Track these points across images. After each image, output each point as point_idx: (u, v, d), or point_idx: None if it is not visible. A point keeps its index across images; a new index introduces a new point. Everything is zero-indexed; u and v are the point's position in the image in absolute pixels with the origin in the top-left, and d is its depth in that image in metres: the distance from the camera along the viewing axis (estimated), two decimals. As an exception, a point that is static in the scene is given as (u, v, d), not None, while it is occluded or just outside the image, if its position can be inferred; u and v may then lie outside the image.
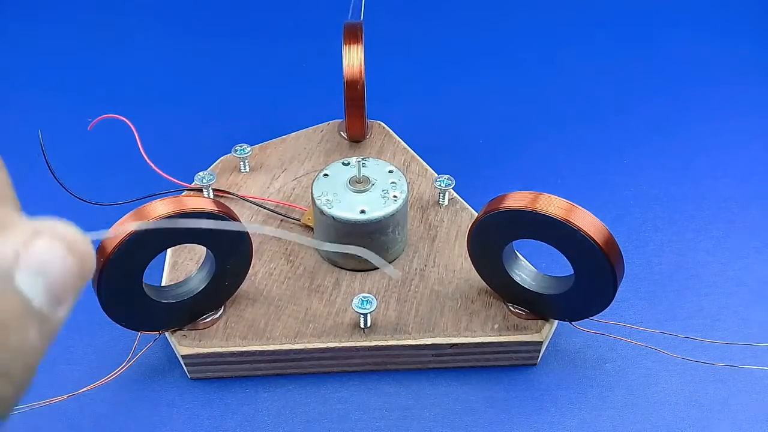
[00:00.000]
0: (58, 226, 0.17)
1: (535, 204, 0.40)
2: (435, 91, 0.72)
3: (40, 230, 0.17)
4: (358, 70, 0.54)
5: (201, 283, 0.44)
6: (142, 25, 0.81)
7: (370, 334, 0.46)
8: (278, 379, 0.47)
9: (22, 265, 0.16)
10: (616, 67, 0.75)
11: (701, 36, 0.79)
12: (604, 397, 0.46)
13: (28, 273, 0.16)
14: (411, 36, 0.80)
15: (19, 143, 0.63)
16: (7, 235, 0.17)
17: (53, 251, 0.17)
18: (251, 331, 0.46)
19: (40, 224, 0.17)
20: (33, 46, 0.78)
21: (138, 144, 0.53)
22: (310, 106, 0.68)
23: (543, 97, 0.71)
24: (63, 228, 0.17)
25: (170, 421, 0.45)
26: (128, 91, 0.72)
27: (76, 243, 0.17)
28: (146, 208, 0.40)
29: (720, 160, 0.63)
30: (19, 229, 0.17)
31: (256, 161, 0.58)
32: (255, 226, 0.44)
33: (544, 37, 0.79)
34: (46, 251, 0.17)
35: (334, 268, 0.50)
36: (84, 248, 0.17)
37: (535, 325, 0.46)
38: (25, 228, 0.17)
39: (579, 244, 0.40)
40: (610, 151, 0.65)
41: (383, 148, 0.60)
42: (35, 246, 0.17)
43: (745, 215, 0.58)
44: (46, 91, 0.72)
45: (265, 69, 0.75)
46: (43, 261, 0.17)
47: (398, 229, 0.49)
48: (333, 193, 0.48)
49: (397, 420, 0.45)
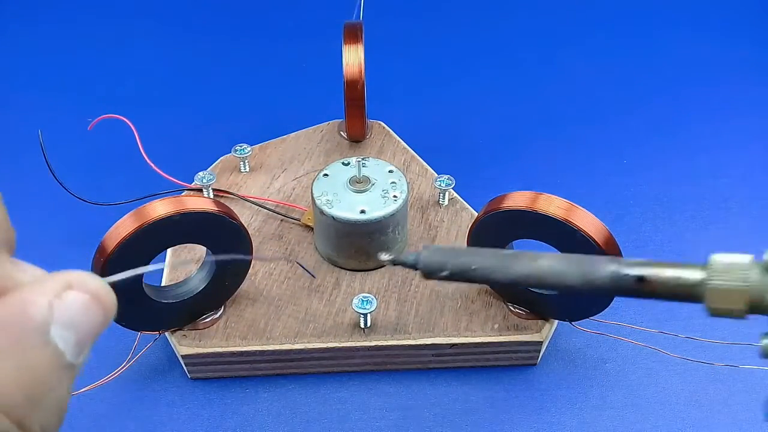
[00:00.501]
0: (86, 278, 0.18)
1: (535, 204, 0.40)
2: (435, 91, 0.72)
3: (71, 283, 0.17)
4: (358, 70, 0.54)
5: (201, 283, 0.44)
6: (142, 25, 0.81)
7: (370, 334, 0.46)
8: (278, 379, 0.47)
9: (56, 318, 0.17)
10: (616, 67, 0.75)
11: (701, 36, 0.79)
12: (604, 397, 0.46)
13: (62, 326, 0.17)
14: (411, 36, 0.80)
15: (19, 143, 0.63)
16: (42, 285, 0.17)
17: (84, 305, 0.17)
18: (251, 331, 0.46)
19: (70, 276, 0.17)
20: (33, 46, 0.78)
21: (138, 144, 0.53)
22: (310, 106, 0.68)
23: (543, 97, 0.71)
24: (90, 280, 0.18)
25: (170, 421, 0.45)
26: (128, 91, 0.72)
27: (102, 295, 0.18)
28: (146, 208, 0.40)
29: (720, 160, 0.63)
30: (52, 280, 0.17)
31: (256, 161, 0.58)
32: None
33: (544, 37, 0.79)
34: (77, 305, 0.17)
35: (334, 268, 0.50)
36: (109, 299, 0.18)
37: (535, 325, 0.46)
38: (57, 279, 0.17)
39: (579, 244, 0.40)
40: (610, 151, 0.65)
41: (383, 148, 0.60)
42: (67, 299, 0.17)
43: (745, 215, 0.58)
44: (46, 91, 0.72)
45: (265, 69, 0.75)
46: (74, 315, 0.17)
47: (398, 229, 0.49)
48: (333, 193, 0.48)
49: (397, 420, 0.45)
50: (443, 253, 0.32)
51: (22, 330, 0.16)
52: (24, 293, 0.17)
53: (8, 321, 0.16)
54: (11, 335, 0.16)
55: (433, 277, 0.33)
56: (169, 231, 0.40)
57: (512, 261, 0.32)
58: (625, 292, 0.29)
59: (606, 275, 0.29)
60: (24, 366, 0.16)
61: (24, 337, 0.16)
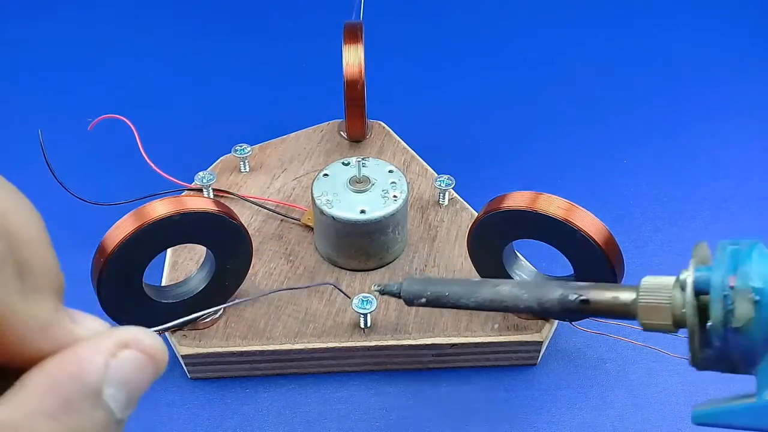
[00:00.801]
0: (142, 336, 0.18)
1: (535, 204, 0.40)
2: (435, 91, 0.72)
3: (127, 341, 0.17)
4: (358, 70, 0.54)
5: (201, 283, 0.44)
6: (142, 25, 0.81)
7: (370, 334, 0.46)
8: (278, 379, 0.47)
9: (111, 378, 0.17)
10: (616, 68, 0.75)
11: (701, 36, 0.79)
12: (604, 397, 0.46)
13: (115, 386, 0.17)
14: (411, 36, 0.80)
15: (19, 143, 0.63)
16: (99, 343, 0.17)
17: (139, 364, 0.17)
18: (251, 331, 0.46)
19: (126, 334, 0.17)
20: (33, 46, 0.78)
21: (138, 144, 0.53)
22: (310, 106, 0.68)
23: (543, 97, 0.71)
24: (146, 338, 0.18)
25: (170, 421, 0.45)
26: (128, 91, 0.72)
27: (157, 353, 0.18)
28: (146, 208, 0.40)
29: (720, 161, 0.63)
30: (109, 338, 0.17)
31: (256, 161, 0.58)
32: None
33: (544, 37, 0.79)
34: (132, 364, 0.17)
35: (334, 268, 0.50)
36: (162, 357, 0.18)
37: (535, 325, 0.46)
38: (114, 337, 0.17)
39: (579, 244, 0.40)
40: (610, 151, 0.65)
41: (383, 148, 0.60)
42: (123, 358, 0.17)
43: (745, 215, 0.58)
44: (46, 91, 0.72)
45: (265, 69, 0.75)
46: (128, 374, 0.17)
47: (398, 229, 0.49)
48: (333, 193, 0.48)
49: (397, 420, 0.45)
50: (421, 283, 0.37)
51: (77, 392, 0.16)
52: (81, 351, 0.17)
53: (63, 380, 0.16)
54: (65, 397, 0.16)
55: (414, 303, 0.37)
56: (169, 231, 0.40)
57: (478, 288, 0.35)
58: (573, 312, 0.32)
59: (555, 299, 0.33)
60: (75, 430, 0.16)
61: (78, 400, 0.16)
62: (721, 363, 0.24)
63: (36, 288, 0.17)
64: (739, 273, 0.23)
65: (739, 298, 0.23)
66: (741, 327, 0.23)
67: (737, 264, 0.23)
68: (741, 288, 0.23)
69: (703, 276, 0.24)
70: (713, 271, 0.24)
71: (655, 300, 0.27)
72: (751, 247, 0.24)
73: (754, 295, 0.22)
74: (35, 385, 0.16)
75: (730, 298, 0.23)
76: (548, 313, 0.34)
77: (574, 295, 0.32)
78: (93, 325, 0.18)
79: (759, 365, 0.23)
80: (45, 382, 0.16)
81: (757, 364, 0.23)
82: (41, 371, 0.16)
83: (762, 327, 0.22)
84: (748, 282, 0.22)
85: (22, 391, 0.16)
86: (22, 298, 0.16)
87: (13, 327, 0.16)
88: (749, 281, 0.22)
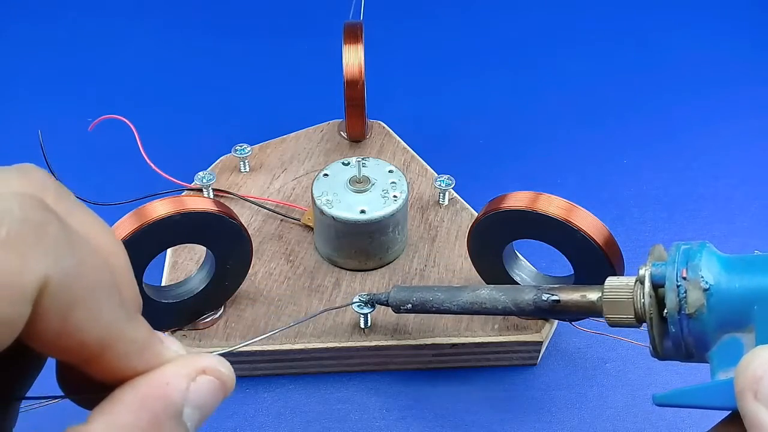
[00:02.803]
0: (217, 364, 0.20)
1: (535, 204, 0.40)
2: (435, 91, 0.72)
3: (205, 368, 0.19)
4: (358, 70, 0.54)
5: (201, 283, 0.44)
6: (142, 25, 0.81)
7: (370, 335, 0.46)
8: (278, 379, 0.47)
9: (190, 400, 0.19)
10: (616, 68, 0.75)
11: (701, 36, 0.79)
12: (604, 397, 0.46)
13: (192, 407, 0.19)
14: (411, 36, 0.80)
15: (19, 143, 0.63)
16: (182, 367, 0.19)
17: (213, 389, 0.20)
18: (251, 331, 0.46)
19: (205, 362, 0.20)
20: (33, 46, 0.78)
21: (138, 144, 0.52)
22: (310, 106, 0.68)
23: (543, 97, 0.71)
24: (221, 366, 0.20)
25: (170, 421, 0.45)
26: (128, 91, 0.72)
27: (228, 381, 0.20)
28: (146, 208, 0.40)
29: (720, 161, 0.63)
30: (191, 364, 0.19)
31: (256, 161, 0.58)
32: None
33: (544, 37, 0.79)
34: (208, 389, 0.19)
35: (334, 268, 0.50)
36: (231, 384, 0.20)
37: (535, 325, 0.46)
38: (194, 363, 0.19)
39: (579, 244, 0.40)
40: (610, 151, 0.65)
41: (383, 148, 0.60)
42: (201, 383, 0.19)
43: (745, 215, 0.58)
44: (46, 91, 0.72)
45: (265, 69, 0.75)
46: (204, 397, 0.19)
47: (398, 229, 0.49)
48: (333, 193, 0.48)
49: (397, 420, 0.45)
50: (407, 291, 0.40)
51: (164, 410, 0.18)
52: (167, 373, 0.19)
53: (153, 399, 0.18)
54: (155, 414, 0.18)
55: (401, 310, 0.41)
56: (169, 231, 0.40)
57: (459, 293, 0.39)
58: (546, 312, 0.36)
59: (530, 300, 0.36)
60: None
61: (165, 418, 0.18)
62: (679, 350, 0.27)
63: (133, 313, 0.19)
64: (690, 266, 0.26)
65: (691, 288, 0.25)
66: (694, 313, 0.25)
67: (689, 259, 0.26)
68: (692, 278, 0.25)
69: (659, 270, 0.27)
70: (668, 266, 0.27)
71: (617, 296, 0.31)
72: (701, 246, 0.27)
73: (704, 284, 0.25)
74: (129, 402, 0.18)
75: (683, 288, 0.26)
76: (525, 313, 0.37)
77: (546, 296, 0.35)
78: (175, 347, 0.20)
79: (711, 350, 0.26)
80: (136, 399, 0.18)
81: (710, 349, 0.26)
82: (133, 389, 0.18)
83: (712, 313, 0.25)
84: (698, 273, 0.25)
85: (118, 406, 0.18)
86: (127, 322, 0.19)
87: (118, 349, 0.18)
88: (699, 272, 0.25)
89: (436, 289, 0.40)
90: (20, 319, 0.16)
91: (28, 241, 0.16)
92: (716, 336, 0.25)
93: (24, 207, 0.16)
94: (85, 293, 0.17)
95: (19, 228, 0.16)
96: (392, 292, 0.41)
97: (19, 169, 0.20)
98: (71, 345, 0.17)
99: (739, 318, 0.25)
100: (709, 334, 0.25)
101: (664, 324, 0.27)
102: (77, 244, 0.17)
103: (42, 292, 0.16)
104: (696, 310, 0.25)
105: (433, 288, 0.40)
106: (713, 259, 0.26)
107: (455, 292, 0.39)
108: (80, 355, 0.18)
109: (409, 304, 0.40)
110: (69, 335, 0.17)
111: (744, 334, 0.25)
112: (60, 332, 0.17)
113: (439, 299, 0.39)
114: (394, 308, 0.41)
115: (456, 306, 0.39)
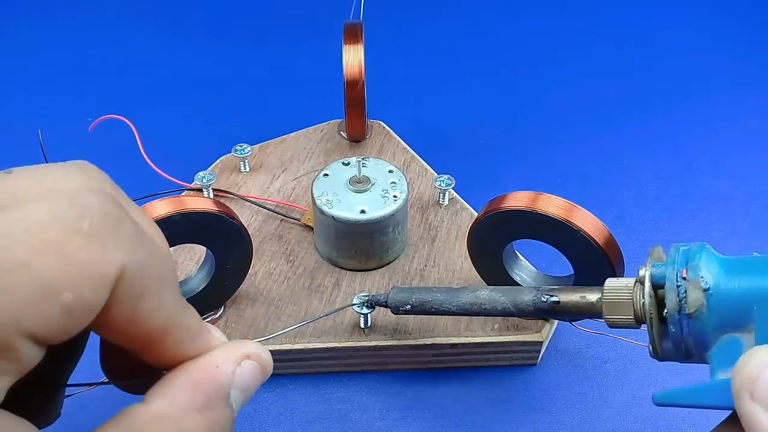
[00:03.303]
0: (259, 351, 0.22)
1: (535, 204, 0.40)
2: (435, 91, 0.72)
3: (249, 353, 0.21)
4: (358, 70, 0.54)
5: (201, 283, 0.44)
6: (142, 25, 0.81)
7: (370, 335, 0.46)
8: (278, 379, 0.47)
9: (236, 383, 0.21)
10: (616, 68, 0.75)
11: (701, 37, 0.79)
12: (604, 397, 0.46)
13: (238, 390, 0.21)
14: (411, 36, 0.80)
15: (19, 143, 0.63)
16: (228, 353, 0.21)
17: (255, 373, 0.21)
18: (251, 331, 0.46)
19: (248, 348, 0.21)
20: (33, 46, 0.78)
21: (138, 144, 0.53)
22: (310, 106, 0.68)
23: (543, 97, 0.71)
24: (262, 353, 0.22)
25: (170, 421, 0.45)
26: (128, 91, 0.72)
27: (268, 366, 0.22)
28: (146, 208, 0.40)
29: (720, 161, 0.63)
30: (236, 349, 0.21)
31: (256, 161, 0.58)
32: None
33: (545, 38, 0.79)
34: (251, 373, 0.21)
35: (334, 268, 0.50)
36: (270, 369, 0.22)
37: (535, 325, 0.46)
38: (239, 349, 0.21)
39: (579, 244, 0.40)
40: (610, 152, 0.65)
41: (383, 148, 0.60)
42: (245, 367, 0.21)
43: (745, 215, 0.58)
44: (46, 91, 0.72)
45: (265, 69, 0.75)
46: (248, 381, 0.21)
47: (398, 229, 0.49)
48: (333, 193, 0.48)
49: (397, 420, 0.45)
50: (406, 292, 0.40)
51: (215, 392, 0.20)
52: (216, 358, 0.21)
53: (205, 382, 0.20)
54: (207, 395, 0.20)
55: (400, 311, 0.41)
56: (169, 231, 0.40)
57: (459, 294, 0.39)
58: (546, 312, 0.36)
59: (529, 301, 0.36)
60: (212, 424, 0.20)
61: (216, 398, 0.20)
62: (678, 351, 0.27)
63: (186, 302, 0.21)
64: (690, 267, 0.26)
65: (691, 288, 0.26)
66: (694, 313, 0.25)
67: (688, 260, 0.26)
68: (692, 279, 0.26)
69: (659, 270, 0.27)
70: (668, 266, 0.27)
71: (617, 297, 0.31)
72: (700, 247, 0.27)
73: (704, 285, 0.25)
74: (183, 384, 0.20)
75: (683, 288, 0.26)
76: (525, 314, 0.37)
77: (546, 297, 0.35)
78: (218, 334, 0.22)
79: (711, 350, 0.26)
80: (189, 382, 0.20)
81: (709, 350, 0.26)
82: (185, 373, 0.20)
83: (712, 313, 0.25)
84: (698, 273, 0.26)
85: (172, 388, 0.20)
86: (183, 311, 0.20)
87: (175, 335, 0.20)
88: (699, 272, 0.26)
89: (435, 290, 0.40)
90: (98, 305, 0.17)
91: (109, 233, 0.17)
92: (716, 336, 0.25)
93: (102, 202, 0.18)
94: (153, 283, 0.19)
95: (100, 221, 0.17)
96: (391, 293, 0.41)
97: (79, 165, 0.22)
98: (137, 331, 0.19)
99: (739, 318, 0.25)
100: (709, 334, 0.26)
101: (663, 325, 0.27)
102: (146, 238, 0.19)
103: (119, 281, 0.17)
104: (696, 310, 0.25)
105: (432, 289, 0.40)
106: (712, 260, 0.26)
107: (454, 293, 0.39)
108: (143, 340, 0.19)
109: (408, 305, 0.40)
110: (136, 322, 0.18)
111: (743, 335, 0.25)
112: (129, 319, 0.18)
113: (439, 300, 0.39)
114: (393, 309, 0.41)
115: (455, 307, 0.39)
